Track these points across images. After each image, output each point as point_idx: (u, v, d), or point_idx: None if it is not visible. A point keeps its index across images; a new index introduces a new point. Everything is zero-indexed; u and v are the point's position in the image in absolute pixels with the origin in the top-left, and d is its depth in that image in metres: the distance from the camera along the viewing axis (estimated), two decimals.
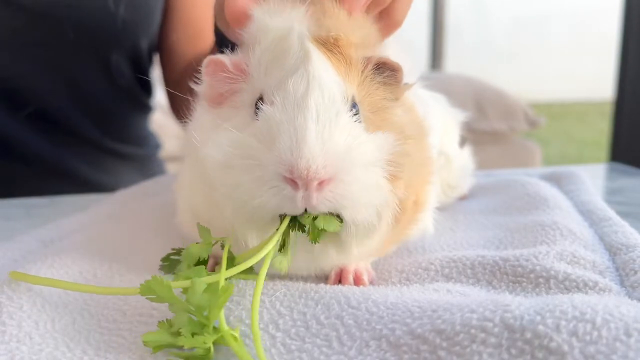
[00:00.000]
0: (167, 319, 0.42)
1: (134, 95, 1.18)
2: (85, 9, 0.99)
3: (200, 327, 0.40)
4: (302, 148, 0.41)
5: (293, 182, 0.42)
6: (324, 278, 0.52)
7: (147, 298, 0.42)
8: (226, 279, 0.42)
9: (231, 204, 0.45)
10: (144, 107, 1.24)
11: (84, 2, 0.99)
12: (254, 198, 0.43)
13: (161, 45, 1.17)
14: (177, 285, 0.42)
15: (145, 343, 0.40)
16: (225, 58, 0.49)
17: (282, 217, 0.44)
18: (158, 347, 0.41)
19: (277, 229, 0.44)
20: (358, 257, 0.50)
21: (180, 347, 0.40)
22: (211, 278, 0.42)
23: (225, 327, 0.40)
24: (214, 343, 0.40)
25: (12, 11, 0.95)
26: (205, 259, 0.47)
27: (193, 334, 0.40)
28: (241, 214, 0.45)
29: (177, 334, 0.40)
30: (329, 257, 0.49)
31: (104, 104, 1.12)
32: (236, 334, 0.40)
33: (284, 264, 0.44)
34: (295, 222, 0.44)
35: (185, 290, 0.42)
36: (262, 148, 0.43)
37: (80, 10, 0.99)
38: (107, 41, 1.04)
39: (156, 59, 1.21)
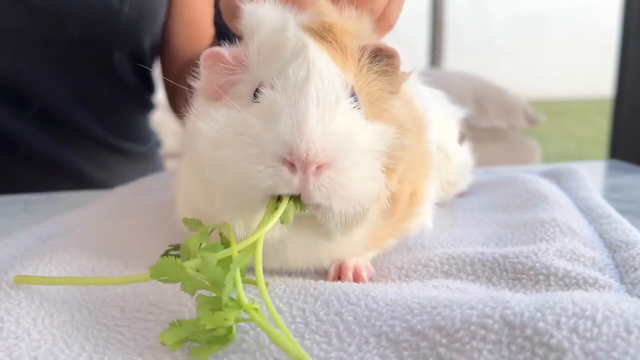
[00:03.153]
0: (177, 320, 0.40)
1: (136, 93, 1.18)
2: (90, 7, 0.99)
3: (218, 303, 0.39)
4: (303, 130, 0.41)
5: (291, 165, 0.41)
6: (323, 274, 0.52)
7: (160, 280, 0.40)
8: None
9: (221, 185, 0.44)
10: (147, 104, 1.25)
11: (89, 0, 0.98)
12: (247, 178, 0.42)
13: (163, 45, 1.17)
14: (190, 265, 0.40)
15: (163, 342, 0.39)
16: (224, 50, 0.49)
17: (274, 198, 0.43)
18: (178, 344, 0.40)
19: (277, 209, 0.42)
20: (349, 248, 0.50)
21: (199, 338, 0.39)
22: (223, 252, 0.41)
23: (245, 300, 0.39)
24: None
25: (16, 8, 0.95)
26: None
27: (213, 311, 0.39)
28: (231, 195, 0.44)
29: (197, 319, 0.39)
30: (318, 246, 0.48)
31: (107, 101, 1.12)
32: (257, 307, 0.39)
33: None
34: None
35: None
36: (261, 127, 0.43)
37: (84, 8, 0.98)
38: (111, 39, 1.04)
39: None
